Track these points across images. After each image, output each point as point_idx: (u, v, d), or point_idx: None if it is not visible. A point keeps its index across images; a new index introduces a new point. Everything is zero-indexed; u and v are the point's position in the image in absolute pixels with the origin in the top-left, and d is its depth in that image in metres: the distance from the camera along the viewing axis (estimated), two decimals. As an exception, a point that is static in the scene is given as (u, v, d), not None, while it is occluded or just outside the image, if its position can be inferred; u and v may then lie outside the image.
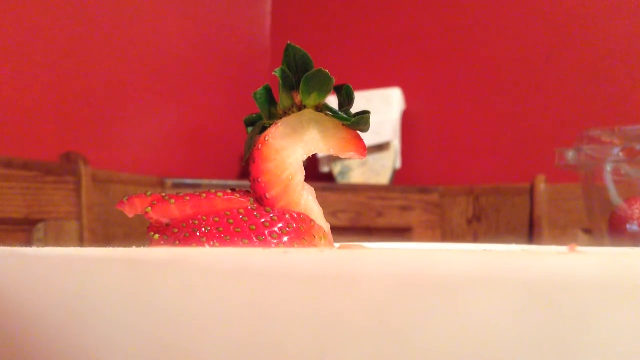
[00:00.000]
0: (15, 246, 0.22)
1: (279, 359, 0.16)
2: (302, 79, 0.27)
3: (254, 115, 0.29)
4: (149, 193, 0.27)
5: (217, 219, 0.26)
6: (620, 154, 0.60)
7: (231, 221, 0.26)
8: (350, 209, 1.09)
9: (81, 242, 0.88)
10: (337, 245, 0.29)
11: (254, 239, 0.25)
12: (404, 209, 1.12)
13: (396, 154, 1.19)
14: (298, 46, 0.27)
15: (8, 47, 0.90)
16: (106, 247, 0.22)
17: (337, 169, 1.20)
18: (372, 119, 0.27)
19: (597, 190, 0.63)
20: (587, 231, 0.98)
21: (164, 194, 0.27)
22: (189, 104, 1.22)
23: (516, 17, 1.19)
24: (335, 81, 0.26)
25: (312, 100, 0.27)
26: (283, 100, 0.27)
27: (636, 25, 1.08)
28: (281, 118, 0.28)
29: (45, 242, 0.83)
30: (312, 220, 0.27)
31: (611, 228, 0.59)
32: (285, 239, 0.26)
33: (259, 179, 0.27)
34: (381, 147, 1.18)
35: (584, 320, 0.13)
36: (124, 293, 0.18)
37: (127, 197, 0.27)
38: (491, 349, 0.14)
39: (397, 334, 0.15)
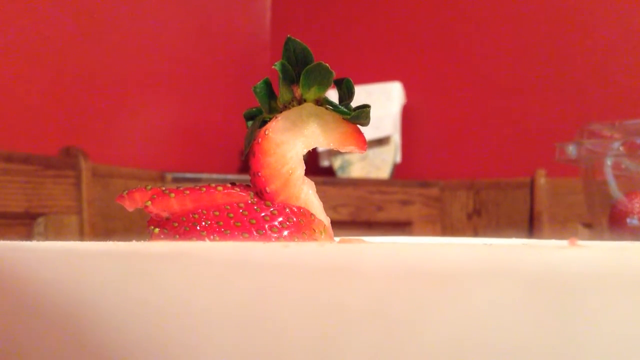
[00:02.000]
0: (15, 240, 0.22)
1: (279, 353, 0.16)
2: (302, 73, 0.26)
3: (254, 109, 0.29)
4: (149, 187, 0.27)
5: (217, 213, 0.26)
6: (621, 148, 0.60)
7: (231, 215, 0.26)
8: (350, 203, 1.09)
9: (81, 236, 0.88)
10: (337, 239, 0.29)
11: (254, 232, 0.25)
12: (404, 203, 1.12)
13: (396, 148, 1.19)
14: (298, 40, 0.26)
15: (8, 43, 0.89)
16: (106, 241, 0.22)
17: (337, 163, 1.20)
18: (372, 113, 0.27)
19: (597, 184, 0.63)
20: (587, 225, 0.98)
21: (163, 188, 0.27)
22: (189, 98, 1.22)
23: (516, 11, 1.18)
24: (335, 75, 0.26)
25: (312, 94, 0.27)
26: (283, 94, 0.27)
27: (636, 19, 1.08)
28: (281, 112, 0.27)
29: (45, 236, 0.83)
30: (312, 214, 0.27)
31: (611, 222, 0.59)
32: (286, 232, 0.26)
33: (259, 173, 0.27)
34: (381, 141, 1.18)
35: (584, 314, 0.13)
36: (124, 287, 0.18)
37: (127, 191, 0.27)
38: (491, 342, 0.14)
39: (397, 328, 0.15)
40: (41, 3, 0.94)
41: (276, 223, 0.26)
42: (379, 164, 1.18)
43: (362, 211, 1.10)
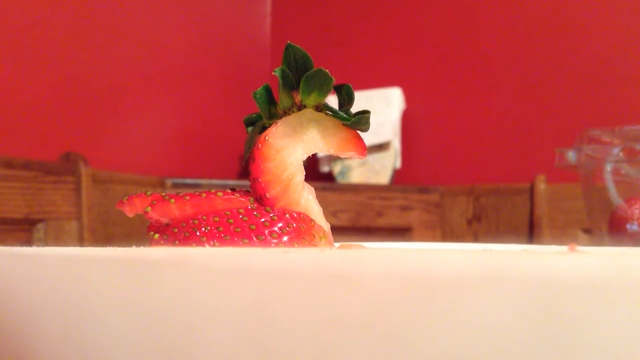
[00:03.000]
0: (15, 246, 0.22)
1: (278, 359, 0.16)
2: (302, 79, 0.27)
3: (254, 115, 0.29)
4: (149, 193, 0.27)
5: (217, 219, 0.26)
6: (620, 154, 0.60)
7: (231, 221, 0.26)
8: (350, 209, 1.09)
9: (81, 241, 0.87)
10: (337, 244, 0.29)
11: (254, 238, 0.25)
12: (404, 208, 1.12)
13: (396, 154, 1.19)
14: (298, 46, 0.27)
15: (8, 47, 0.90)
16: (106, 246, 0.22)
17: (337, 168, 1.20)
18: (372, 119, 0.27)
19: (597, 190, 0.63)
20: (587, 231, 0.98)
21: (163, 194, 0.27)
22: (189, 103, 1.22)
23: (516, 17, 1.19)
24: (335, 81, 0.26)
25: (312, 99, 0.27)
26: (283, 99, 0.27)
27: (636, 24, 1.08)
28: (281, 118, 0.28)
29: (45, 242, 0.83)
30: (312, 219, 0.27)
31: (611, 228, 0.59)
32: (285, 238, 0.26)
33: (259, 179, 0.27)
34: (381, 147, 1.18)
35: (584, 320, 0.13)
36: (124, 293, 0.18)
37: (127, 197, 0.27)
38: (491, 349, 0.14)
39: (397, 334, 0.15)
40: (41, 7, 0.94)
41: (276, 229, 0.26)
42: (378, 170, 1.18)
43: (362, 217, 1.10)
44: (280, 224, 0.26)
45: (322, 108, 0.27)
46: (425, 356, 0.15)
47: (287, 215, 0.26)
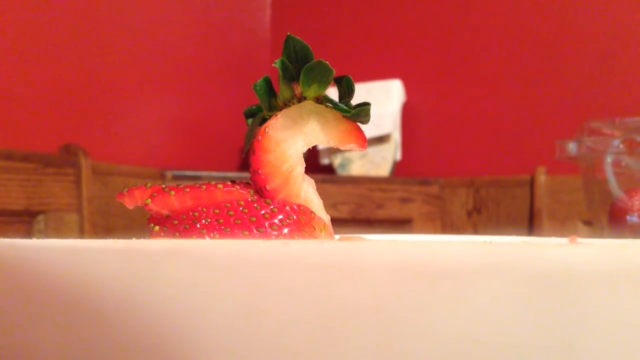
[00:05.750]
0: (15, 238, 0.22)
1: (278, 350, 0.16)
2: (302, 71, 0.26)
3: (254, 107, 0.29)
4: (149, 185, 0.27)
5: (217, 211, 0.26)
6: (621, 146, 0.60)
7: (231, 213, 0.26)
8: (350, 201, 1.09)
9: (81, 233, 0.88)
10: (337, 236, 0.29)
11: (254, 230, 0.25)
12: (404, 200, 1.12)
13: (396, 146, 1.19)
14: (298, 37, 0.26)
15: (8, 40, 0.89)
16: (106, 238, 0.22)
17: (337, 160, 1.20)
18: (372, 111, 0.27)
19: (597, 182, 0.63)
20: (587, 223, 0.98)
21: (163, 186, 0.27)
22: (189, 95, 1.22)
23: (516, 8, 1.18)
24: (335, 72, 0.26)
25: (312, 91, 0.27)
26: (283, 91, 0.27)
27: (636, 16, 1.08)
28: (281, 109, 0.27)
29: (45, 234, 0.83)
30: (312, 211, 0.27)
31: (611, 219, 0.59)
32: (285, 230, 0.26)
33: (259, 171, 0.27)
34: (381, 139, 1.18)
35: (584, 311, 0.14)
36: (124, 284, 0.18)
37: (127, 189, 0.27)
38: (492, 338, 0.14)
39: (397, 325, 0.15)
40: (40, 0, 0.94)
41: (276, 221, 0.26)
42: (379, 162, 1.18)
43: (362, 209, 1.10)
44: (280, 216, 0.26)
45: (323, 100, 0.27)
46: (425, 346, 0.15)
47: (287, 207, 0.26)
